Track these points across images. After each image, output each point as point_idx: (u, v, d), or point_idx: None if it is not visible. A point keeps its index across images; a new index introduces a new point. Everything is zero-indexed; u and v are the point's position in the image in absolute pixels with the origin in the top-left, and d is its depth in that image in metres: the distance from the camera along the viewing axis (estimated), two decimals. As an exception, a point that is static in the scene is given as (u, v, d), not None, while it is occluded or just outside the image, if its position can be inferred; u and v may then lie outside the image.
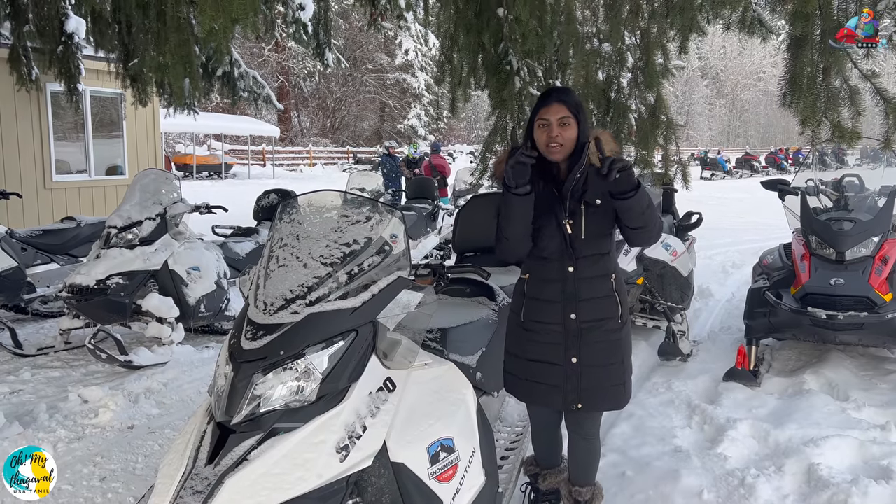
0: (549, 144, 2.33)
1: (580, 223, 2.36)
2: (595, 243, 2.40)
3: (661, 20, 3.78)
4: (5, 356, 5.04)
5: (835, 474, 3.08)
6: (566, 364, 2.42)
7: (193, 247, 5.34)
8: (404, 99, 38.68)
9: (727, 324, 5.86)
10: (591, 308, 2.40)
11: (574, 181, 2.37)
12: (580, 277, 2.40)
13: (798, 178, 5.24)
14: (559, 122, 2.32)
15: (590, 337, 2.41)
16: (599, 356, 2.42)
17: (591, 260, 2.41)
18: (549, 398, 2.50)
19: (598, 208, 2.37)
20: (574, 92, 2.47)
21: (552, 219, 2.39)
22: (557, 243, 2.40)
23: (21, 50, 6.90)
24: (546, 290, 2.44)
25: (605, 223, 2.40)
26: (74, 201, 9.51)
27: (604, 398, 2.47)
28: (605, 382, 2.44)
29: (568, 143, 2.34)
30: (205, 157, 27.54)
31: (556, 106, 2.34)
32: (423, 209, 9.48)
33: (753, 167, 34.03)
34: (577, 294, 2.40)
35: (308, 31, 7.47)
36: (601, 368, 2.42)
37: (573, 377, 2.42)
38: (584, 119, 2.38)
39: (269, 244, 2.19)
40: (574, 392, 2.43)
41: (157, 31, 5.05)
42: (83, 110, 9.33)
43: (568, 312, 2.40)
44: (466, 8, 4.26)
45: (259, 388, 1.87)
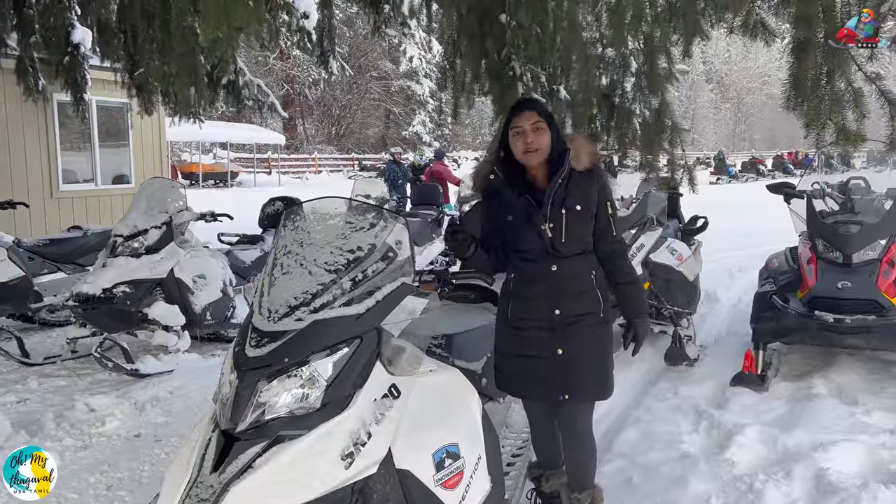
0: (526, 151, 2.45)
1: (560, 227, 2.46)
2: (576, 243, 2.50)
3: (664, 24, 3.78)
4: (13, 365, 5.06)
5: (844, 479, 3.06)
6: (552, 356, 2.50)
7: (199, 255, 5.35)
8: (409, 106, 38.75)
9: (734, 328, 5.84)
10: (574, 304, 2.50)
11: (556, 187, 2.47)
12: (563, 275, 2.49)
13: (804, 181, 5.22)
14: (532, 127, 2.45)
15: (573, 330, 2.49)
16: (583, 348, 2.51)
17: (573, 259, 2.50)
18: (540, 391, 2.58)
19: (579, 213, 2.48)
20: (542, 101, 2.61)
21: (531, 225, 2.49)
22: (539, 246, 2.49)
23: (28, 61, 6.94)
24: (531, 288, 2.53)
25: (586, 225, 2.51)
26: (81, 210, 9.55)
27: (588, 389, 2.56)
28: (590, 373, 2.53)
29: (544, 148, 2.47)
30: (211, 165, 27.63)
31: (527, 113, 2.47)
32: (427, 215, 9.48)
33: (759, 171, 33.94)
34: (561, 291, 2.49)
35: (312, 40, 7.49)
36: (585, 360, 2.51)
37: (559, 369, 2.50)
38: (555, 126, 2.52)
39: (273, 252, 2.20)
40: (561, 383, 2.51)
41: (163, 40, 5.09)
42: (90, 120, 9.37)
43: (552, 308, 2.49)
44: (469, 14, 4.27)
45: (264, 395, 1.87)
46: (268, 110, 9.22)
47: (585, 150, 2.52)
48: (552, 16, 4.12)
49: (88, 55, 6.98)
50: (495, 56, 4.19)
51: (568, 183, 2.48)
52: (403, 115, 39.24)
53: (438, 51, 26.47)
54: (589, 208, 2.49)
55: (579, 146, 2.53)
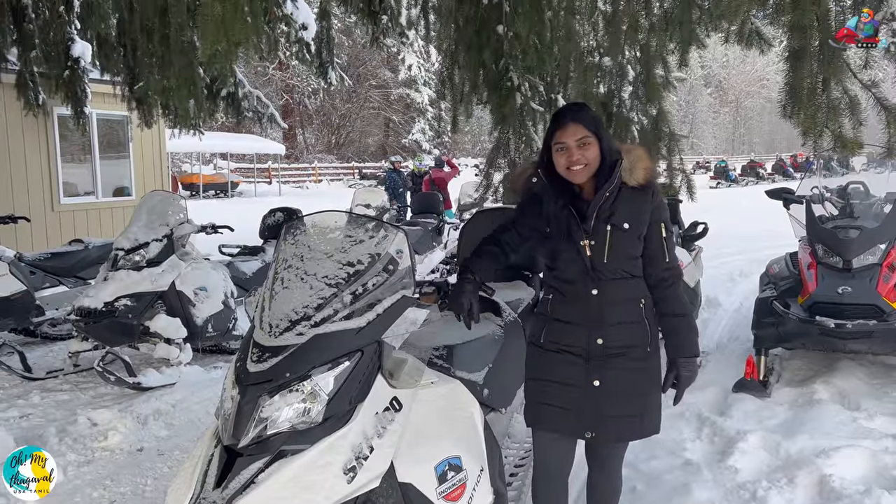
0: (571, 167, 2.17)
1: (603, 245, 2.18)
2: (621, 266, 2.21)
3: (660, 34, 3.81)
4: (15, 380, 5.06)
5: (847, 485, 3.06)
6: (586, 387, 2.22)
7: (200, 267, 5.36)
8: (408, 114, 38.88)
9: (735, 334, 5.83)
10: (618, 333, 2.21)
11: (602, 199, 2.18)
12: (605, 301, 2.21)
13: (803, 185, 5.23)
14: (578, 143, 2.16)
15: (615, 362, 2.21)
16: (624, 384, 2.22)
17: (617, 283, 2.21)
18: (560, 422, 2.29)
19: (626, 232, 2.18)
20: (588, 107, 2.32)
21: (570, 240, 2.22)
22: (578, 265, 2.22)
23: (28, 75, 7.01)
24: (569, 312, 2.27)
25: (633, 247, 2.20)
26: (82, 223, 9.57)
27: (619, 429, 2.27)
28: (624, 412, 2.24)
29: (592, 162, 2.18)
30: (211, 175, 27.71)
31: (571, 127, 2.17)
32: (428, 224, 9.50)
33: (759, 174, 33.99)
34: (603, 318, 2.21)
35: (311, 51, 7.54)
36: (623, 397, 2.22)
37: (591, 402, 2.23)
38: (605, 134, 2.21)
39: (274, 266, 2.20)
40: (589, 418, 2.23)
41: (162, 54, 5.12)
42: (90, 133, 9.41)
43: (594, 337, 2.22)
44: (467, 26, 4.30)
45: (266, 410, 1.88)
46: (267, 121, 9.27)
47: (642, 163, 2.22)
48: (549, 26, 4.15)
49: (88, 69, 7.05)
50: (493, 66, 4.22)
51: (617, 198, 2.19)
52: (403, 123, 39.35)
53: (437, 59, 26.56)
54: (639, 228, 2.19)
55: (636, 158, 2.22)
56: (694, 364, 2.25)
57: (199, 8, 3.76)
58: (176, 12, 4.46)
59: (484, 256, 2.40)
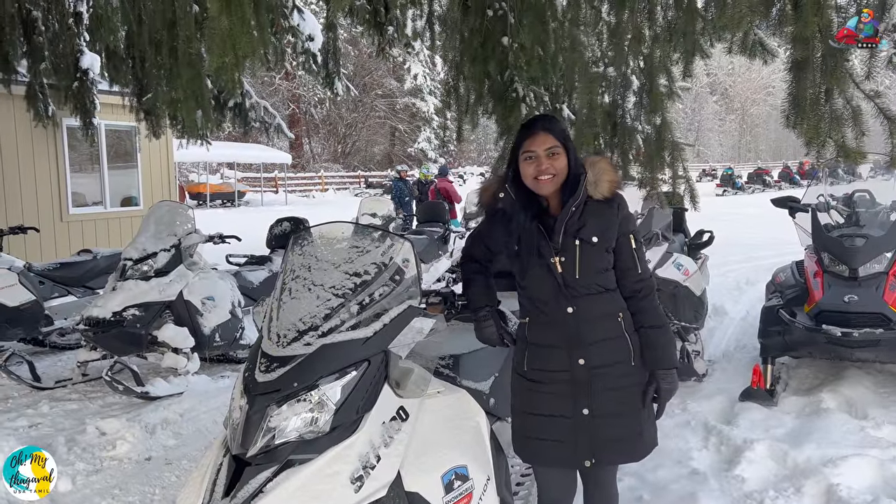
0: (539, 177, 2.15)
1: (573, 261, 2.15)
2: (594, 281, 2.17)
3: (664, 45, 3.83)
4: (24, 389, 5.10)
5: (855, 495, 3.05)
6: (576, 416, 2.18)
7: (208, 276, 5.40)
8: (414, 123, 39.03)
9: (742, 342, 5.82)
10: (599, 351, 2.17)
11: (569, 215, 2.16)
12: (582, 319, 2.17)
13: (808, 194, 5.23)
14: (547, 153, 2.15)
15: (601, 384, 2.17)
16: (615, 405, 2.18)
17: (592, 299, 2.18)
18: (557, 455, 2.23)
19: (595, 246, 2.15)
20: (558, 119, 2.32)
21: (540, 257, 2.18)
22: (550, 283, 2.18)
23: (38, 87, 7.07)
24: (547, 335, 2.22)
25: (603, 260, 2.18)
26: (91, 233, 9.64)
27: (619, 451, 2.23)
28: (621, 433, 2.20)
29: (560, 172, 2.16)
30: (218, 185, 27.89)
31: (542, 136, 2.17)
32: (434, 233, 9.52)
33: (765, 182, 33.94)
34: (581, 338, 2.17)
35: (317, 61, 7.58)
36: (616, 418, 2.18)
37: (584, 430, 2.18)
38: (572, 147, 2.22)
39: (281, 276, 2.23)
40: (585, 446, 2.18)
41: (170, 66, 5.17)
42: (98, 144, 9.48)
43: (575, 358, 2.17)
44: (472, 37, 4.33)
45: (274, 420, 1.90)
46: (274, 131, 9.33)
47: (607, 176, 2.19)
48: (554, 37, 4.18)
49: (97, 80, 7.11)
50: (498, 77, 4.25)
51: (583, 212, 2.17)
52: (409, 132, 39.51)
53: (443, 68, 26.63)
54: (607, 241, 2.17)
55: (600, 171, 2.20)
56: (673, 375, 2.22)
57: (206, 21, 3.81)
58: (184, 25, 4.51)
59: (472, 284, 2.43)
